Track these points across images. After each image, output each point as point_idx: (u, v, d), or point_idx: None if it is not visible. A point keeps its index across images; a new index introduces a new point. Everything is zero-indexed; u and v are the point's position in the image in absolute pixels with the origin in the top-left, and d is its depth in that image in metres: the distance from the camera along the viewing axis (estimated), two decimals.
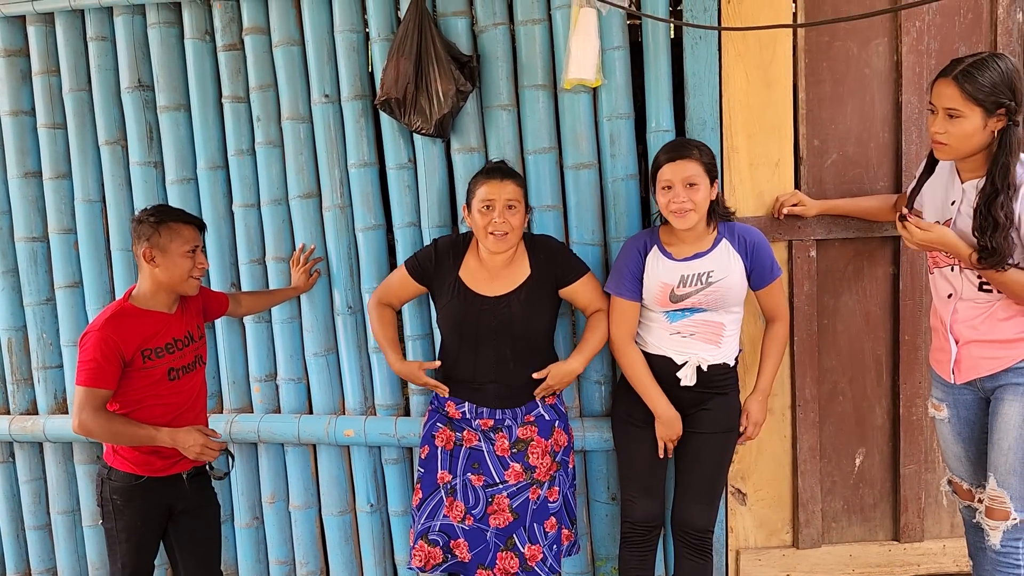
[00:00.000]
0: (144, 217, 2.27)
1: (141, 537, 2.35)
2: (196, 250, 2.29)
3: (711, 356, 2.36)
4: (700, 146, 2.29)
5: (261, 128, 2.79)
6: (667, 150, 2.29)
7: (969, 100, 1.97)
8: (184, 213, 2.35)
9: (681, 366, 2.36)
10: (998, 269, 2.00)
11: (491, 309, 2.41)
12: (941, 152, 2.08)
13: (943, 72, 2.03)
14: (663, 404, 2.36)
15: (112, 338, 2.17)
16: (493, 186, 2.35)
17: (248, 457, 2.96)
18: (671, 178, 2.23)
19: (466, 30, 2.64)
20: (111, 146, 2.89)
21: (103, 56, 2.86)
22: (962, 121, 1.99)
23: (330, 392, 2.87)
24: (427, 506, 2.45)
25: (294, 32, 2.74)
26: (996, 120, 1.99)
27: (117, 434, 2.21)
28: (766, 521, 2.81)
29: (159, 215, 2.27)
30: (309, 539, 2.96)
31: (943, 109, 2.02)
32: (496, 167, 2.46)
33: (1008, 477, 2.11)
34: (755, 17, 2.54)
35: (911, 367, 2.72)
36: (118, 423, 2.20)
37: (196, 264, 2.28)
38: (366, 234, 2.77)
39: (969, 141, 2.01)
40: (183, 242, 2.25)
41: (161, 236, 2.23)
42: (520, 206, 2.38)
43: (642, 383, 2.38)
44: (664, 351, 2.38)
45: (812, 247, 2.65)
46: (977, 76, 1.96)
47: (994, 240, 1.98)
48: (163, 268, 2.24)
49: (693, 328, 2.35)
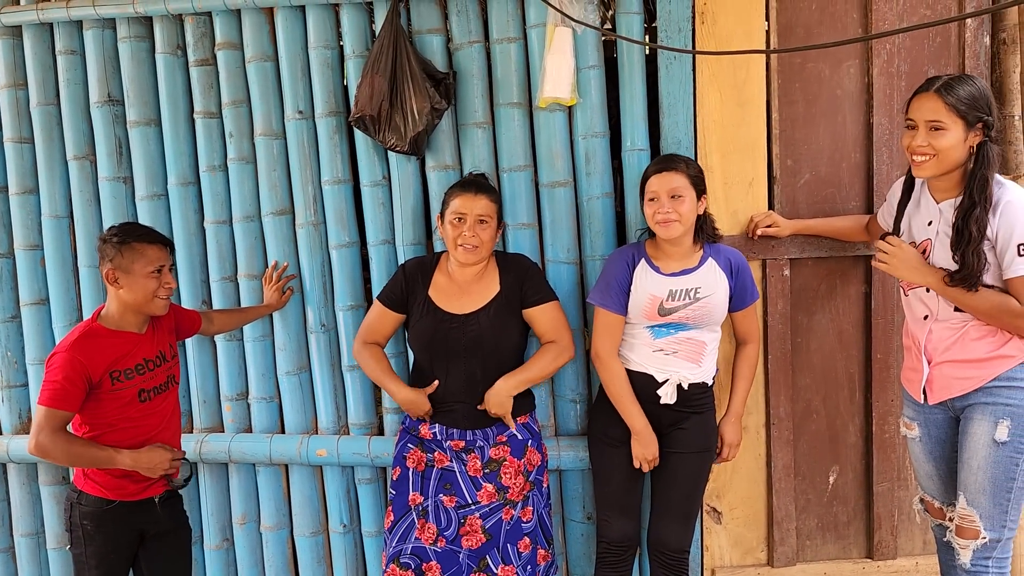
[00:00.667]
0: (108, 237, 2.21)
1: (111, 563, 2.29)
2: (163, 270, 2.23)
3: (692, 374, 2.36)
4: (687, 161, 2.32)
5: (233, 144, 2.76)
6: (655, 163, 2.33)
7: (952, 112, 2.00)
8: (150, 232, 2.28)
9: (662, 383, 2.36)
10: (969, 288, 2.02)
11: (460, 327, 2.40)
12: (921, 169, 2.08)
13: (922, 88, 2.07)
14: (641, 421, 2.36)
15: (80, 360, 2.13)
16: (466, 199, 2.35)
17: (219, 477, 2.91)
18: (657, 189, 2.26)
19: (441, 48, 2.63)
20: (79, 161, 2.84)
21: (72, 70, 2.82)
22: (945, 134, 2.02)
23: (303, 411, 2.84)
24: (399, 529, 2.42)
25: (267, 48, 2.72)
26: (974, 135, 2.02)
27: (75, 456, 2.16)
28: (741, 540, 2.81)
29: (122, 235, 2.21)
30: (280, 561, 2.92)
31: (925, 122, 2.04)
32: (472, 180, 2.46)
33: (978, 496, 2.12)
34: (729, 38, 2.56)
35: (883, 385, 2.74)
36: (77, 445, 2.15)
37: (162, 284, 2.23)
38: (340, 251, 2.74)
39: (950, 155, 2.03)
40: (147, 263, 2.19)
41: (124, 257, 2.17)
42: (492, 221, 2.38)
43: (621, 398, 2.38)
44: (646, 368, 2.38)
45: (786, 266, 2.67)
46: (958, 89, 2.00)
47: (965, 253, 2.00)
48: (127, 289, 2.20)
49: (676, 346, 2.35)
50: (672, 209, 2.23)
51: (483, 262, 2.43)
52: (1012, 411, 2.07)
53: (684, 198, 2.25)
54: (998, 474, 2.09)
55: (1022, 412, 2.07)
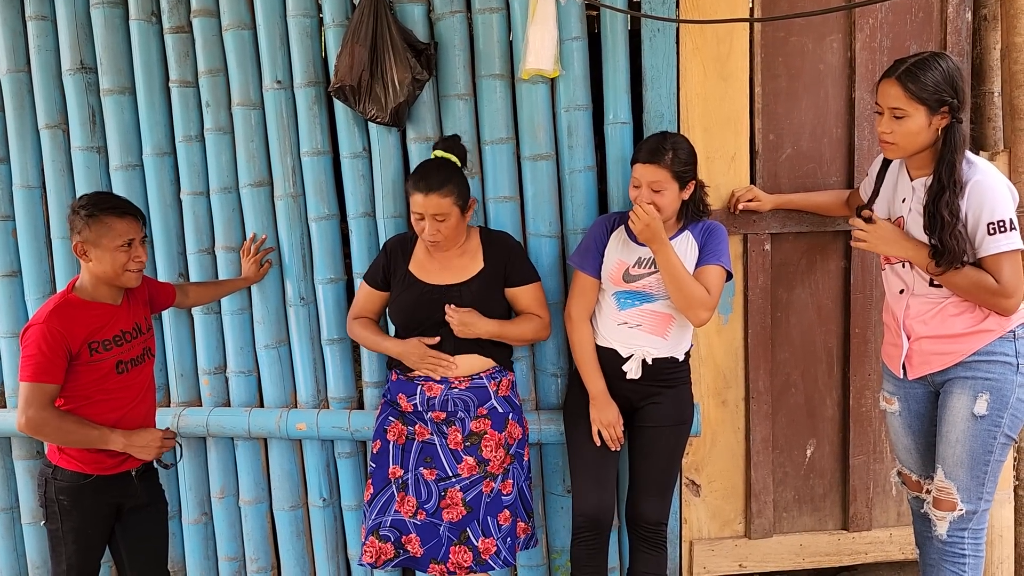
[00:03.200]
0: (77, 208, 2.15)
1: (88, 538, 2.27)
2: (133, 243, 2.18)
3: (656, 349, 2.36)
4: (676, 150, 2.26)
5: (210, 114, 2.70)
6: (643, 151, 2.29)
7: (913, 99, 2.01)
8: (120, 204, 2.21)
9: (627, 359, 2.37)
10: (955, 267, 2.04)
11: (442, 299, 2.39)
12: (889, 151, 2.13)
13: (887, 73, 2.07)
14: (599, 385, 2.39)
15: (57, 330, 2.09)
16: (419, 199, 2.30)
17: (197, 452, 2.88)
18: (639, 178, 2.28)
19: (423, 17, 2.59)
20: (51, 130, 2.78)
21: (43, 36, 2.75)
22: (907, 120, 2.04)
23: (281, 385, 2.81)
24: (378, 501, 2.42)
25: (245, 16, 2.66)
26: (940, 118, 2.03)
27: (68, 433, 2.13)
28: (719, 512, 2.84)
29: (90, 208, 2.14)
30: (260, 534, 2.91)
31: (888, 109, 2.06)
32: (425, 175, 2.33)
33: (955, 469, 2.15)
34: (713, 10, 2.54)
35: (861, 359, 2.77)
36: (69, 421, 2.12)
37: (132, 258, 2.17)
38: (319, 224, 2.71)
39: (915, 139, 2.05)
40: (115, 236, 2.14)
41: (92, 230, 2.12)
42: (452, 215, 2.32)
43: (584, 362, 2.42)
44: (611, 343, 2.39)
45: (767, 241, 2.68)
46: (919, 75, 2.00)
47: (943, 238, 2.02)
48: (97, 262, 2.15)
49: (640, 318, 2.36)
50: (651, 200, 2.24)
51: (456, 246, 2.43)
52: (991, 385, 2.10)
53: (665, 191, 2.26)
54: (976, 447, 2.12)
55: (1000, 386, 2.10)
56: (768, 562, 2.84)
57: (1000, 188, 2.03)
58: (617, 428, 2.39)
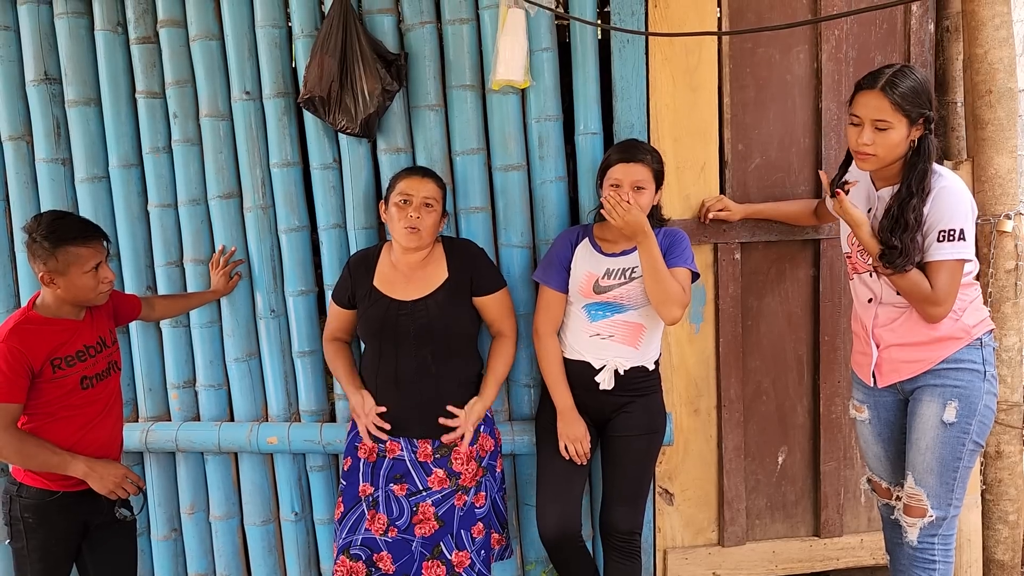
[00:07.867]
0: (37, 238, 2.06)
1: (55, 556, 2.22)
2: (99, 266, 2.14)
3: (628, 359, 2.37)
4: (652, 152, 2.33)
5: (178, 125, 2.68)
6: (620, 150, 2.32)
7: (897, 110, 2.01)
8: (82, 229, 2.13)
9: (599, 370, 2.37)
10: (905, 269, 2.06)
11: (409, 313, 2.37)
12: (866, 163, 2.10)
13: (866, 84, 2.06)
14: (566, 401, 2.39)
15: (18, 348, 2.04)
16: (413, 182, 2.35)
17: (166, 467, 2.84)
18: (621, 178, 2.27)
19: (392, 28, 2.59)
20: (15, 141, 2.74)
21: (6, 47, 2.70)
22: (890, 132, 2.03)
23: (252, 398, 2.78)
24: (348, 520, 2.40)
25: (213, 26, 2.64)
26: (916, 129, 2.05)
27: (27, 456, 2.08)
28: (693, 520, 2.84)
29: (53, 238, 2.06)
30: (231, 550, 2.87)
31: (871, 121, 2.04)
32: (420, 167, 2.46)
33: (925, 476, 2.17)
34: (681, 22, 2.57)
35: (831, 366, 2.79)
36: (30, 444, 2.08)
37: (100, 280, 2.14)
38: (289, 236, 2.69)
39: (895, 151, 2.06)
40: (82, 264, 2.09)
41: (58, 261, 2.06)
42: (437, 206, 2.36)
43: (551, 375, 2.42)
44: (583, 355, 2.39)
45: (737, 250, 2.70)
46: (901, 85, 2.00)
47: (903, 240, 2.04)
48: (64, 289, 2.11)
49: (612, 329, 2.36)
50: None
51: (426, 248, 2.41)
52: (959, 392, 2.13)
53: (646, 191, 2.28)
54: (945, 454, 2.14)
55: (968, 394, 2.13)
56: (741, 569, 2.85)
57: (963, 199, 2.06)
58: (584, 443, 2.39)
